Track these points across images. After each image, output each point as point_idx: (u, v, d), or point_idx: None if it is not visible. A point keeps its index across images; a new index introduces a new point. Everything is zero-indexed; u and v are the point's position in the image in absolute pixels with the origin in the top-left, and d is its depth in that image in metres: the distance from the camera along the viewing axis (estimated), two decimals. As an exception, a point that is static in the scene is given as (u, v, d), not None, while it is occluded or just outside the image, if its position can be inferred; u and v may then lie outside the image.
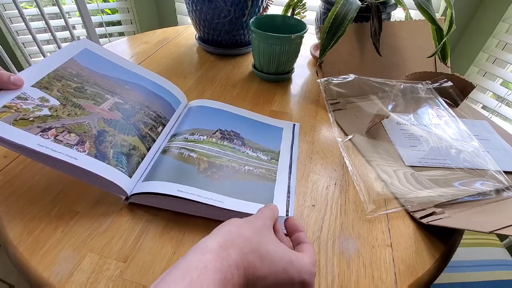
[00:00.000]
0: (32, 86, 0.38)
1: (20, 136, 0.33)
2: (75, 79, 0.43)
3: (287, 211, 0.38)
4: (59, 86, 0.40)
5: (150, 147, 0.43)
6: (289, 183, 0.42)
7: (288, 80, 0.68)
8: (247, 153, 0.45)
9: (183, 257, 0.23)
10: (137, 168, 0.39)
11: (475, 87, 0.56)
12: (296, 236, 0.32)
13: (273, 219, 0.31)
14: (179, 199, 0.36)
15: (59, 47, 1.06)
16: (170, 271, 0.21)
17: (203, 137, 0.45)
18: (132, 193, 0.37)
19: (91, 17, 1.03)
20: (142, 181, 0.38)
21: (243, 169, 0.42)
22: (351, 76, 0.56)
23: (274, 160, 0.45)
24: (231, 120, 0.50)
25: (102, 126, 0.40)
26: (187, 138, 0.44)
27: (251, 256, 0.24)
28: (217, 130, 0.47)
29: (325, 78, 0.56)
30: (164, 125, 0.47)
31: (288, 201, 0.40)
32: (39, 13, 0.95)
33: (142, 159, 0.41)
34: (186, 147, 0.43)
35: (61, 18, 1.02)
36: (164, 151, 0.42)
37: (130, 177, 0.38)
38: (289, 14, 0.75)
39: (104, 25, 1.29)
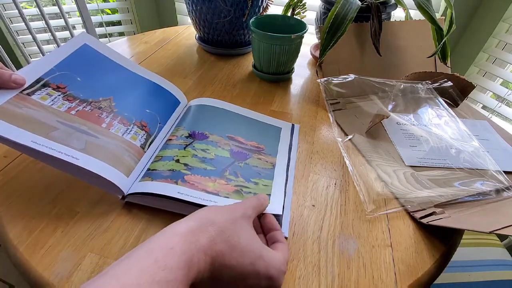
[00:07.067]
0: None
1: (19, 134, 0.33)
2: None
3: (283, 208, 0.38)
4: (59, 86, 0.40)
5: (148, 147, 0.43)
6: (285, 187, 0.42)
7: (288, 80, 0.68)
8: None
9: (150, 238, 0.22)
10: (134, 167, 0.39)
11: (475, 87, 0.56)
12: (272, 234, 0.32)
13: (256, 210, 0.30)
14: (176, 201, 0.35)
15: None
16: (136, 249, 0.21)
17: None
18: (128, 193, 0.37)
19: (91, 17, 1.03)
20: (139, 181, 0.38)
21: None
22: (351, 76, 0.56)
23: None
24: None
25: (102, 126, 0.40)
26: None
27: (221, 246, 0.24)
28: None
29: (325, 78, 0.56)
30: (163, 125, 0.47)
31: (284, 200, 0.39)
32: (39, 13, 0.95)
33: (139, 159, 0.41)
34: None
35: (61, 18, 1.02)
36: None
37: (127, 176, 0.38)
38: (289, 14, 0.75)
39: (104, 25, 1.29)
